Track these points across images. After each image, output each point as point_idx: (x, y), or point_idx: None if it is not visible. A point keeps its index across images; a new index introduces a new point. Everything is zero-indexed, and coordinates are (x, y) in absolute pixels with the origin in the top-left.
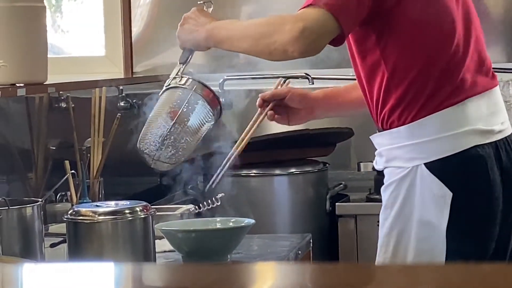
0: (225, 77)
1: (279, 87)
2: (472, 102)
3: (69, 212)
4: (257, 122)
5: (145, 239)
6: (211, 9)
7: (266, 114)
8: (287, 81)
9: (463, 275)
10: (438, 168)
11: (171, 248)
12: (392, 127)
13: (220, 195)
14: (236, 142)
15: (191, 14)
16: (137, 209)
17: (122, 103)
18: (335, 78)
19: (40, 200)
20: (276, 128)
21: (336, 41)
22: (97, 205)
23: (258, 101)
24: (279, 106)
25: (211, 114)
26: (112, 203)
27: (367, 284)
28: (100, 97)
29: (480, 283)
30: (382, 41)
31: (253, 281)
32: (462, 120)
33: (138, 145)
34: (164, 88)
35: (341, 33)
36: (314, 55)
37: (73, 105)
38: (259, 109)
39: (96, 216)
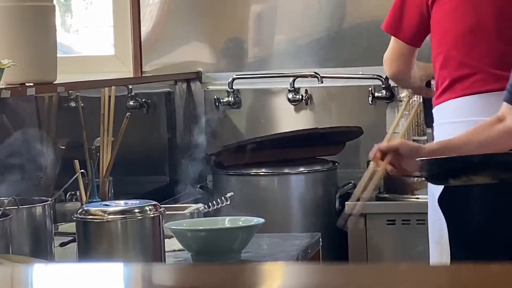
0: (234, 76)
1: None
2: None
3: (79, 211)
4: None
5: (154, 238)
6: None
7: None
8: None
9: (473, 275)
10: None
11: (181, 247)
12: None
13: (229, 194)
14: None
15: None
16: (147, 208)
17: (131, 102)
18: (344, 76)
19: (49, 199)
20: (286, 127)
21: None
22: (106, 204)
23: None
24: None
25: None
26: (122, 202)
27: (377, 284)
28: (110, 97)
29: (492, 283)
30: None
31: (263, 281)
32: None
33: None
34: None
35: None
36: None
37: (82, 105)
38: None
39: (106, 215)
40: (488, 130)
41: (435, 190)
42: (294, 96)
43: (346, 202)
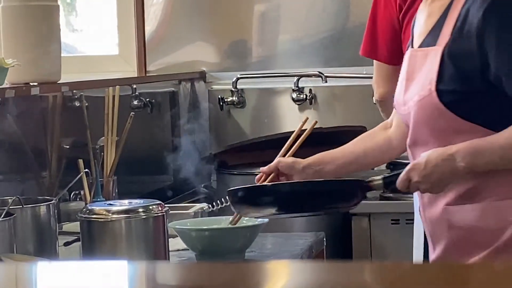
0: (238, 76)
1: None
2: None
3: (83, 211)
4: None
5: (158, 238)
6: None
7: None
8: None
9: (477, 273)
10: None
11: (185, 246)
12: None
13: None
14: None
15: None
16: (151, 207)
17: (135, 102)
18: (348, 76)
19: (54, 198)
20: (290, 126)
21: None
22: (110, 204)
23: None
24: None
25: None
26: (126, 201)
27: (380, 283)
28: (114, 96)
29: (494, 281)
30: None
31: (267, 280)
32: None
33: None
34: None
35: None
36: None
37: (86, 104)
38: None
39: (110, 214)
40: (372, 139)
41: None
42: (298, 95)
43: None
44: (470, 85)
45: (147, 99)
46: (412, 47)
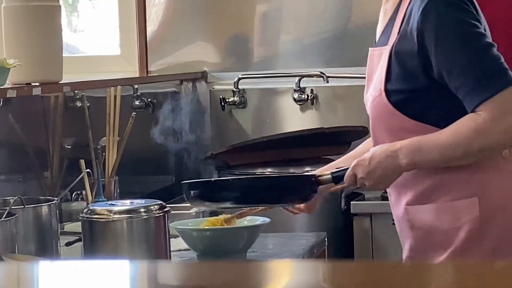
0: (240, 76)
1: None
2: None
3: (84, 211)
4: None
5: (160, 238)
6: None
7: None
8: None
9: (478, 272)
10: None
11: (186, 246)
12: None
13: None
14: None
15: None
16: (152, 207)
17: (137, 102)
18: (349, 76)
19: (55, 199)
20: (291, 126)
21: None
22: (112, 204)
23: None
24: None
25: None
26: (127, 201)
27: (382, 283)
28: (115, 96)
29: (496, 280)
30: None
31: (268, 279)
32: None
33: None
34: None
35: None
36: None
37: (88, 104)
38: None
39: (111, 214)
40: None
41: None
42: (300, 95)
43: (351, 202)
44: (415, 84)
45: (149, 99)
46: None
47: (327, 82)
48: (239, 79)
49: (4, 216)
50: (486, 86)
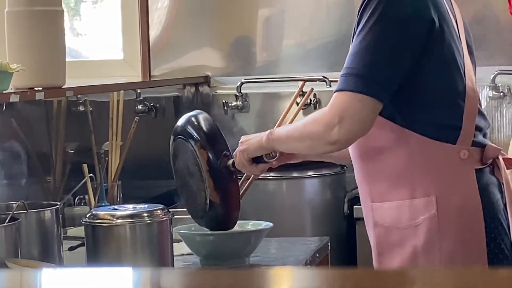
0: (243, 80)
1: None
2: None
3: (87, 216)
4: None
5: (163, 242)
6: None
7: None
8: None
9: (480, 278)
10: None
11: (189, 251)
12: None
13: None
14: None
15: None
16: (155, 212)
17: (139, 107)
18: None
19: (58, 203)
20: None
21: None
22: (115, 209)
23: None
24: None
25: None
26: (130, 206)
27: None
28: (118, 101)
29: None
30: None
31: (271, 286)
32: None
33: None
34: None
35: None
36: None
37: (91, 109)
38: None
39: (114, 219)
40: None
41: None
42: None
43: (354, 206)
44: None
45: (152, 104)
46: None
47: (330, 86)
48: (242, 83)
49: (7, 220)
50: (345, 80)
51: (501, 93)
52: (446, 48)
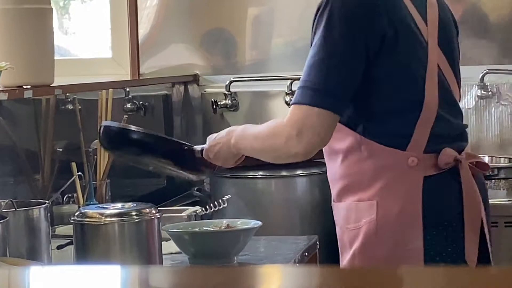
0: (232, 79)
1: None
2: None
3: (76, 214)
4: None
5: (151, 241)
6: None
7: None
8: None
9: (472, 277)
10: None
11: (178, 250)
12: None
13: (226, 197)
14: None
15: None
16: (144, 211)
17: (128, 105)
18: None
19: (47, 202)
20: None
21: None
22: (103, 207)
23: None
24: None
25: None
26: (119, 205)
27: (373, 287)
28: (107, 99)
29: (491, 285)
30: None
31: (260, 284)
32: None
33: None
34: None
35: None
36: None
37: (79, 107)
38: None
39: (103, 218)
40: None
41: None
42: (291, 98)
43: None
44: None
45: (140, 102)
46: None
47: None
48: (231, 82)
49: None
50: (301, 93)
51: (490, 92)
52: (400, 59)
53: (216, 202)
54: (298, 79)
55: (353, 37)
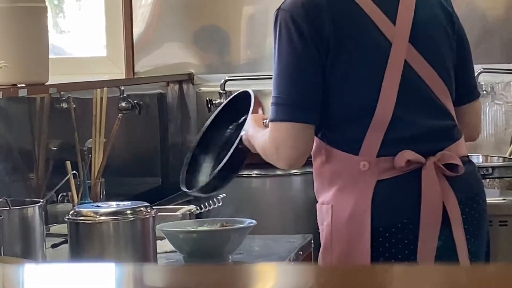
0: (227, 78)
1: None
2: None
3: (70, 213)
4: None
5: (146, 240)
6: None
7: None
8: None
9: (470, 275)
10: None
11: (172, 248)
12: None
13: (221, 196)
14: None
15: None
16: (139, 209)
17: (123, 104)
18: None
19: (41, 200)
20: None
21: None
22: (98, 206)
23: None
24: None
25: None
26: (114, 203)
27: (367, 285)
28: (102, 98)
29: (491, 283)
30: None
31: (254, 282)
32: None
33: None
34: None
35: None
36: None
37: (74, 106)
38: None
39: (98, 216)
40: None
41: None
42: None
43: None
44: None
45: (135, 101)
46: None
47: None
48: (226, 81)
49: None
50: (274, 110)
51: (484, 92)
52: (351, 63)
53: (210, 201)
54: None
55: (304, 45)
